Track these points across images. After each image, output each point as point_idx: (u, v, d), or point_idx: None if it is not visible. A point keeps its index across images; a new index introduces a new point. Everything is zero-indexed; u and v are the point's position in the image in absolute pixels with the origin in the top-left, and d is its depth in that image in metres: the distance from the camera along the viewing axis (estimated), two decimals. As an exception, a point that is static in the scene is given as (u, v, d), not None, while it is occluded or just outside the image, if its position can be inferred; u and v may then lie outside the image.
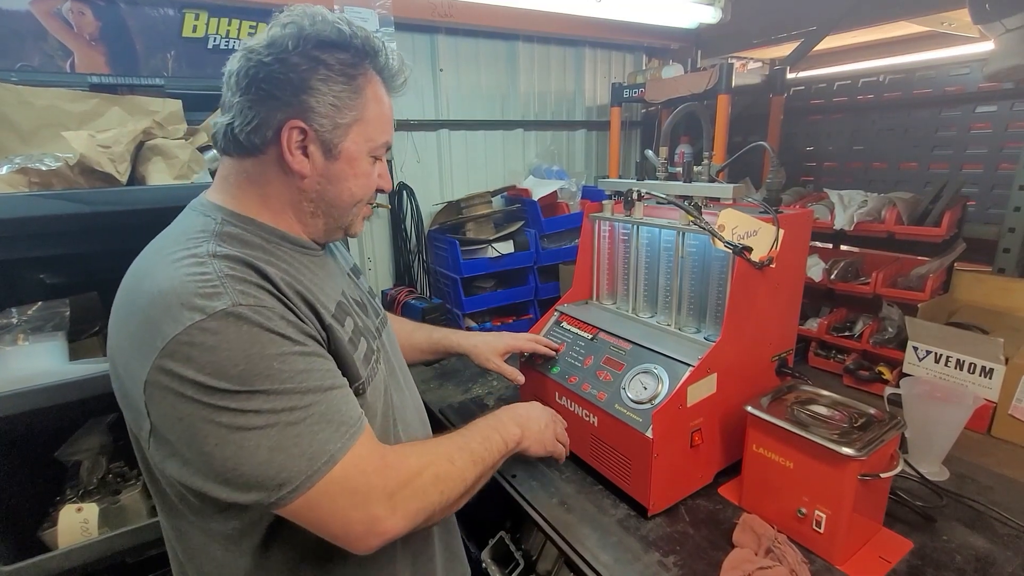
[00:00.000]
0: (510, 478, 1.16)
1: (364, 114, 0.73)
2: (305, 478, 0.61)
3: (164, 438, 0.61)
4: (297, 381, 0.62)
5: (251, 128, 0.68)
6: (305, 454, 0.61)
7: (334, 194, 0.75)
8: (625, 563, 0.91)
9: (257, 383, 0.60)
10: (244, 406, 0.59)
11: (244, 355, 0.59)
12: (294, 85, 0.67)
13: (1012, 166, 1.55)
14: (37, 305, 1.20)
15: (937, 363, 1.31)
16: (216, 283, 0.61)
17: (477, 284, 1.98)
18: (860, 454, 0.83)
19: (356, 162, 0.75)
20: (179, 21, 1.54)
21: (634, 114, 2.60)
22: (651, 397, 1.00)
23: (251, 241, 0.70)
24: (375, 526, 0.64)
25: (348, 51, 0.70)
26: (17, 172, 1.06)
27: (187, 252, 0.64)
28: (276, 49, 0.66)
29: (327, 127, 0.70)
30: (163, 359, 0.58)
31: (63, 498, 1.23)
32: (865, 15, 1.83)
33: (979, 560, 0.89)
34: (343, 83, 0.70)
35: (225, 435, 0.59)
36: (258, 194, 0.73)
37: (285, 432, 0.61)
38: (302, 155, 0.71)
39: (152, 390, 0.59)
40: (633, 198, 1.19)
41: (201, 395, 0.58)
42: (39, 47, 1.39)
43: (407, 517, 0.67)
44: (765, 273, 1.03)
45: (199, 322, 0.58)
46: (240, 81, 0.68)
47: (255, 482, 0.60)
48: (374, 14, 1.68)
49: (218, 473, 0.60)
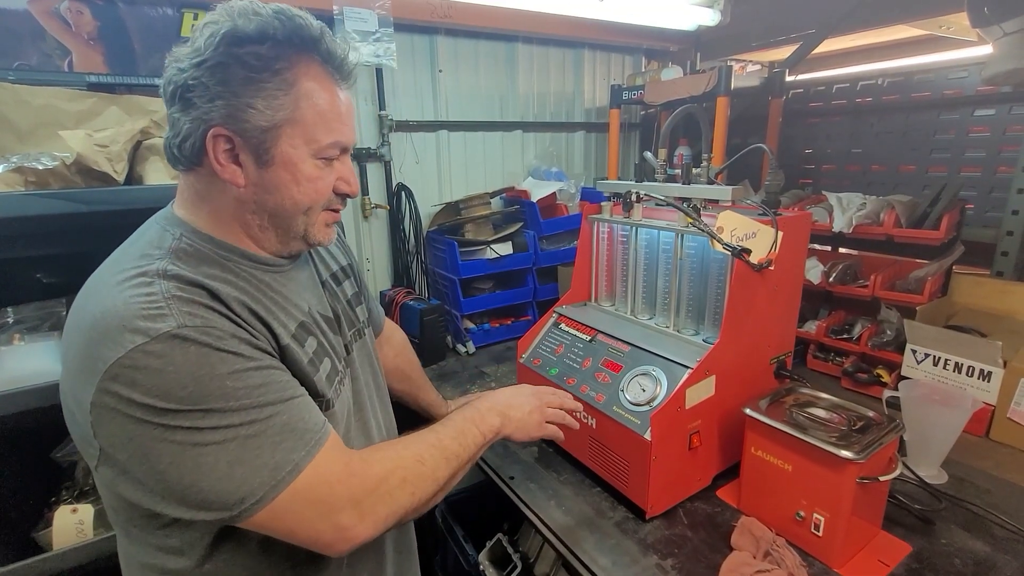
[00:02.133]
0: (508, 480, 1.16)
1: (298, 113, 0.66)
2: (268, 489, 0.60)
3: (114, 459, 0.59)
4: (255, 396, 0.61)
5: (181, 140, 0.65)
6: (267, 465, 0.60)
7: (275, 203, 0.69)
8: (623, 566, 0.91)
9: (210, 402, 0.58)
10: (198, 424, 0.57)
11: (192, 377, 0.57)
12: (211, 90, 0.62)
13: (1010, 169, 1.55)
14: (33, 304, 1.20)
15: (935, 366, 1.31)
16: (161, 304, 0.59)
17: (475, 285, 1.98)
18: (859, 457, 0.83)
19: (296, 167, 0.68)
20: (178, 21, 1.54)
21: (633, 116, 2.60)
22: (649, 399, 1.00)
23: (208, 257, 0.67)
24: (343, 534, 0.64)
25: (266, 43, 0.63)
26: (14, 171, 1.06)
27: (137, 271, 0.62)
28: (194, 54, 0.62)
29: (253, 131, 0.64)
30: (106, 382, 0.56)
31: (58, 499, 1.23)
32: (864, 18, 1.83)
33: (978, 563, 0.89)
34: (265, 81, 0.63)
35: (179, 452, 0.57)
36: (208, 209, 0.70)
37: (245, 445, 0.59)
38: (233, 164, 0.66)
39: (98, 411, 0.57)
40: (632, 200, 1.19)
41: (151, 416, 0.56)
42: (37, 46, 1.39)
43: (376, 523, 0.66)
44: (764, 275, 1.03)
45: (141, 345, 0.56)
46: (167, 91, 0.64)
47: (215, 498, 0.58)
48: (373, 15, 1.68)
49: (174, 491, 0.58)
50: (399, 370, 1.20)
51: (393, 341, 1.22)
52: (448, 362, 1.85)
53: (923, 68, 1.83)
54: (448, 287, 1.93)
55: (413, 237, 2.04)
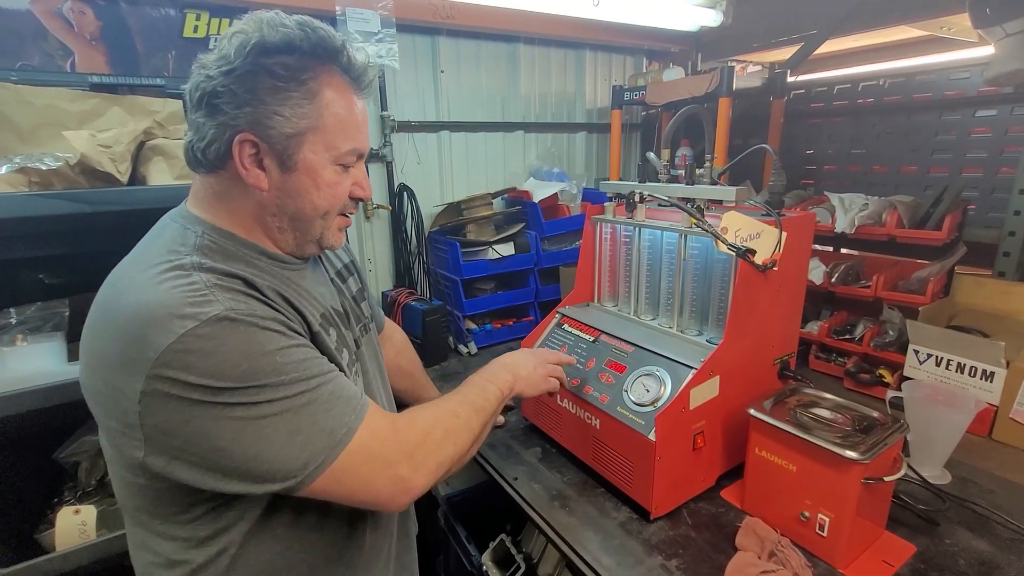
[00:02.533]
0: (511, 480, 1.16)
1: (321, 121, 0.69)
2: (328, 452, 0.64)
3: (168, 445, 0.60)
4: (301, 370, 0.64)
5: (206, 144, 0.67)
6: (324, 430, 0.64)
7: (296, 207, 0.72)
8: (628, 567, 0.91)
9: (262, 378, 0.61)
10: (255, 399, 0.60)
11: (244, 354, 0.60)
12: (239, 97, 0.65)
13: (1012, 170, 1.56)
14: (36, 305, 1.20)
15: (938, 366, 1.31)
16: (205, 292, 0.61)
17: (477, 286, 1.98)
18: (864, 457, 0.83)
19: (317, 173, 0.71)
20: (180, 21, 1.54)
21: (634, 117, 2.60)
22: (653, 400, 1.00)
23: (233, 254, 0.70)
24: (402, 485, 0.69)
25: (294, 55, 0.66)
26: (17, 171, 1.05)
27: (170, 265, 0.63)
28: (222, 62, 0.64)
29: (278, 138, 0.67)
30: (159, 368, 0.57)
31: (61, 500, 1.23)
32: (865, 19, 1.83)
33: (982, 563, 0.89)
34: (291, 90, 0.66)
35: (240, 427, 0.60)
36: (227, 209, 0.72)
37: (300, 414, 0.63)
38: (257, 168, 0.69)
39: (149, 399, 0.58)
40: (636, 200, 1.19)
41: (208, 396, 0.58)
42: (39, 46, 1.39)
43: (428, 473, 0.71)
44: (767, 276, 1.03)
45: (192, 328, 0.58)
46: (193, 97, 0.67)
47: (279, 466, 0.61)
48: (376, 15, 1.68)
49: (238, 467, 0.61)
50: (401, 368, 1.21)
51: (394, 340, 1.23)
52: (450, 363, 1.85)
53: (924, 69, 1.83)
54: (450, 288, 1.93)
55: (415, 238, 2.04)
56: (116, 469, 0.69)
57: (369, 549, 0.83)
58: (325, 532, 0.76)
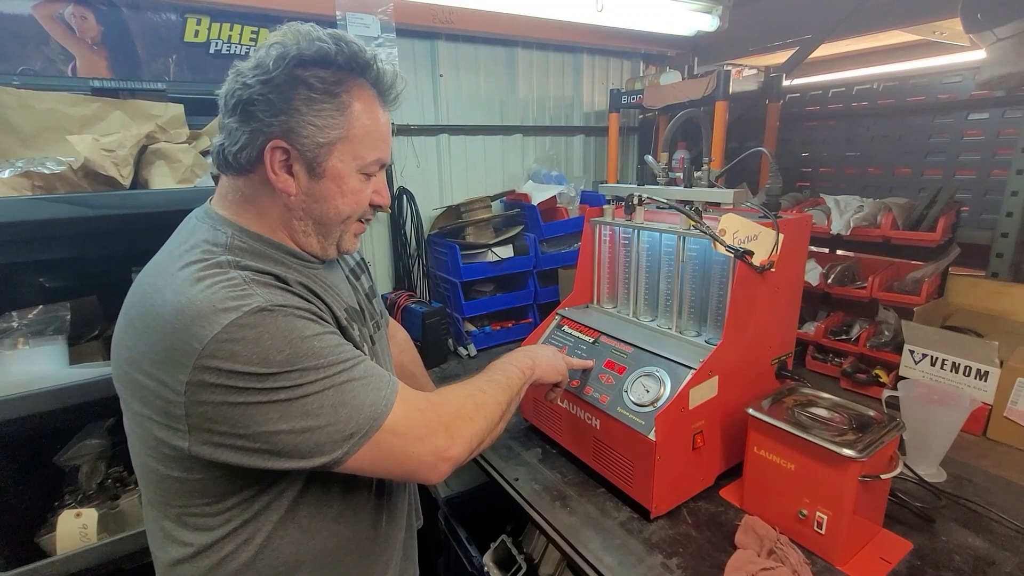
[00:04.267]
0: (512, 481, 1.17)
1: (350, 132, 0.73)
2: (371, 423, 0.67)
3: (213, 431, 0.63)
4: (337, 353, 0.68)
5: (238, 149, 0.70)
6: (366, 403, 0.67)
7: (320, 212, 0.76)
8: (629, 566, 0.92)
9: (303, 361, 0.64)
10: (298, 381, 0.63)
11: (286, 340, 0.63)
12: (275, 106, 0.68)
13: (1004, 172, 1.58)
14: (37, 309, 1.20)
15: (933, 366, 1.33)
16: (244, 287, 0.65)
17: (477, 288, 1.99)
18: (860, 455, 0.84)
19: (343, 180, 0.75)
20: (181, 26, 1.55)
21: (632, 120, 2.62)
22: (653, 400, 1.01)
23: (262, 253, 0.73)
24: (442, 454, 0.72)
25: (330, 68, 0.70)
26: (20, 175, 1.06)
27: (207, 263, 0.66)
28: (260, 71, 0.67)
29: (310, 146, 0.70)
30: (204, 359, 0.60)
31: (62, 503, 1.23)
32: (859, 24, 1.86)
33: (978, 560, 0.90)
34: (325, 101, 0.70)
35: (287, 408, 0.63)
36: (255, 212, 0.75)
37: (342, 390, 0.66)
38: (287, 174, 0.72)
39: (196, 390, 0.61)
40: (634, 203, 1.21)
41: (253, 383, 0.61)
42: (41, 51, 1.40)
43: (464, 443, 0.74)
44: (765, 277, 1.05)
45: (236, 319, 0.61)
46: (228, 103, 0.70)
47: (326, 439, 0.64)
48: (375, 20, 1.69)
49: (286, 445, 0.63)
50: (404, 367, 1.22)
51: (397, 339, 1.24)
52: (450, 365, 1.86)
53: (918, 72, 1.86)
54: (449, 290, 1.93)
55: (414, 240, 2.05)
56: (147, 463, 0.71)
57: (383, 539, 0.86)
58: (347, 523, 0.79)
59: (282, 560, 0.73)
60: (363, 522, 0.82)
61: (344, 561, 0.80)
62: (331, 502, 0.77)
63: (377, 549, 0.85)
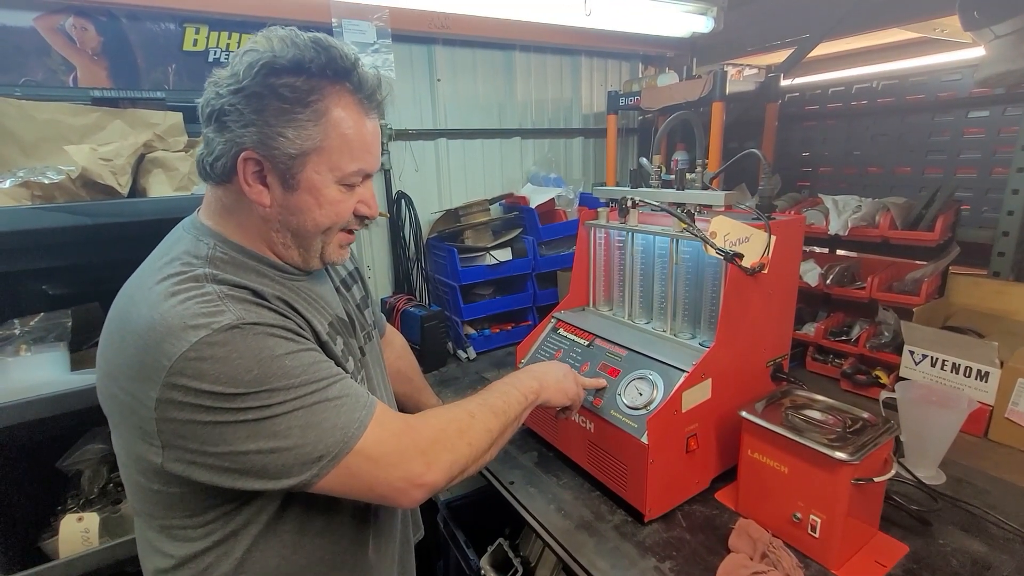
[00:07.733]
0: (508, 485, 1.17)
1: (326, 142, 0.69)
2: (342, 446, 0.65)
3: (184, 448, 0.62)
4: (311, 372, 0.66)
5: (214, 159, 0.69)
6: (337, 425, 0.65)
7: (297, 224, 0.73)
8: (622, 569, 0.92)
9: (273, 381, 0.62)
10: (266, 402, 0.62)
11: (256, 359, 0.62)
12: (245, 116, 0.66)
13: (1005, 170, 1.56)
14: (39, 316, 1.22)
15: (933, 367, 1.32)
16: (217, 302, 0.63)
17: (476, 291, 2.00)
18: (853, 458, 0.83)
19: (319, 192, 0.72)
20: (180, 35, 1.57)
21: (630, 121, 2.62)
22: (646, 403, 1.01)
23: (243, 265, 0.72)
24: (416, 480, 0.69)
25: (302, 75, 0.67)
26: (20, 185, 1.08)
27: (184, 277, 0.66)
28: (232, 80, 0.66)
29: (281, 157, 0.68)
30: (173, 377, 0.59)
31: (64, 508, 1.24)
32: (858, 22, 1.85)
33: (975, 564, 0.89)
34: (297, 112, 0.67)
35: (255, 428, 0.62)
36: (236, 223, 0.74)
37: (312, 411, 0.64)
38: (260, 185, 0.70)
39: (165, 407, 0.60)
40: (628, 206, 1.21)
41: (221, 402, 0.60)
42: (43, 62, 1.42)
43: (442, 470, 0.71)
44: (758, 279, 1.04)
45: (205, 337, 0.60)
46: (204, 112, 0.69)
47: (294, 461, 0.63)
48: (371, 26, 1.70)
49: (254, 465, 0.62)
50: (400, 373, 1.22)
51: (394, 345, 1.24)
52: (449, 368, 1.86)
53: (917, 71, 1.84)
54: (448, 293, 1.94)
55: (413, 244, 2.06)
56: (130, 474, 0.70)
57: (373, 553, 0.84)
58: (330, 537, 0.78)
59: (265, 574, 0.73)
60: (347, 538, 0.80)
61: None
62: (314, 518, 0.75)
63: (367, 565, 0.84)
